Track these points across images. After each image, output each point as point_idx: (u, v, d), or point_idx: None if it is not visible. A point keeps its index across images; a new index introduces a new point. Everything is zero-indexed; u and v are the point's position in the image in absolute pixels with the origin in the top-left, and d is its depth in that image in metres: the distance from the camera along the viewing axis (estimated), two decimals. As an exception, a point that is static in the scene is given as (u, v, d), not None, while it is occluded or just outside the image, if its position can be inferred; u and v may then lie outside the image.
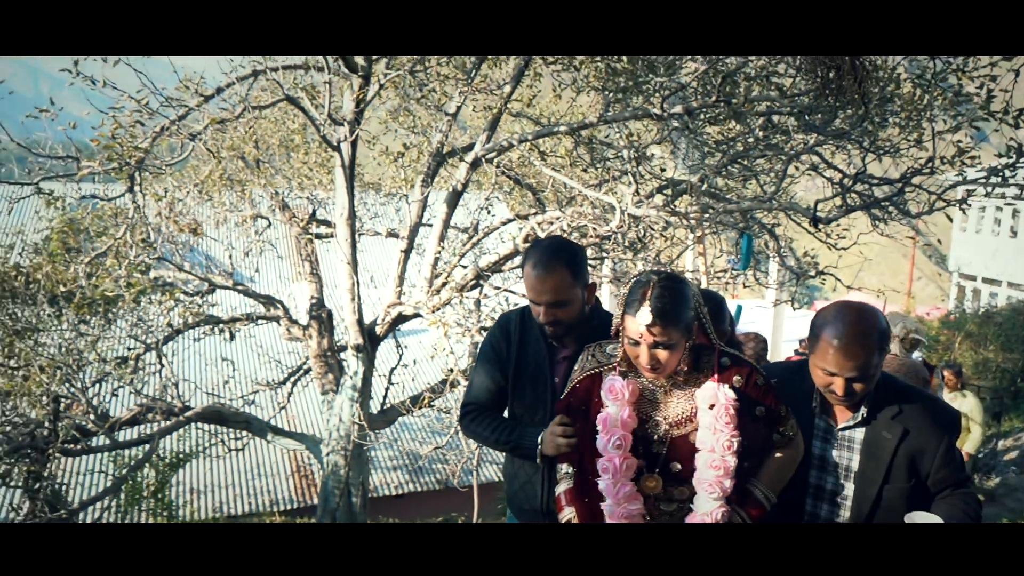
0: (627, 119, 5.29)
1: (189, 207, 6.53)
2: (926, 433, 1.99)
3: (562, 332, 2.23)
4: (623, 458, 1.86)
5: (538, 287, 2.16)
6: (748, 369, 1.93)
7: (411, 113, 6.81)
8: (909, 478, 2.00)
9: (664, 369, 1.85)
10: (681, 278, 1.88)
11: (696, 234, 6.02)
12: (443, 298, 5.95)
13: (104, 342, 6.23)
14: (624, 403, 1.88)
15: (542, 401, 2.28)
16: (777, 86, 5.31)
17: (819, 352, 1.96)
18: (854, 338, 1.90)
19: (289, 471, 9.86)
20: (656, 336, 1.77)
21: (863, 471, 2.01)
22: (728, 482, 1.83)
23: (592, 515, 1.98)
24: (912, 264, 20.72)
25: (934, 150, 4.87)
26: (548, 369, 2.29)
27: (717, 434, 1.82)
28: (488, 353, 2.37)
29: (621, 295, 1.87)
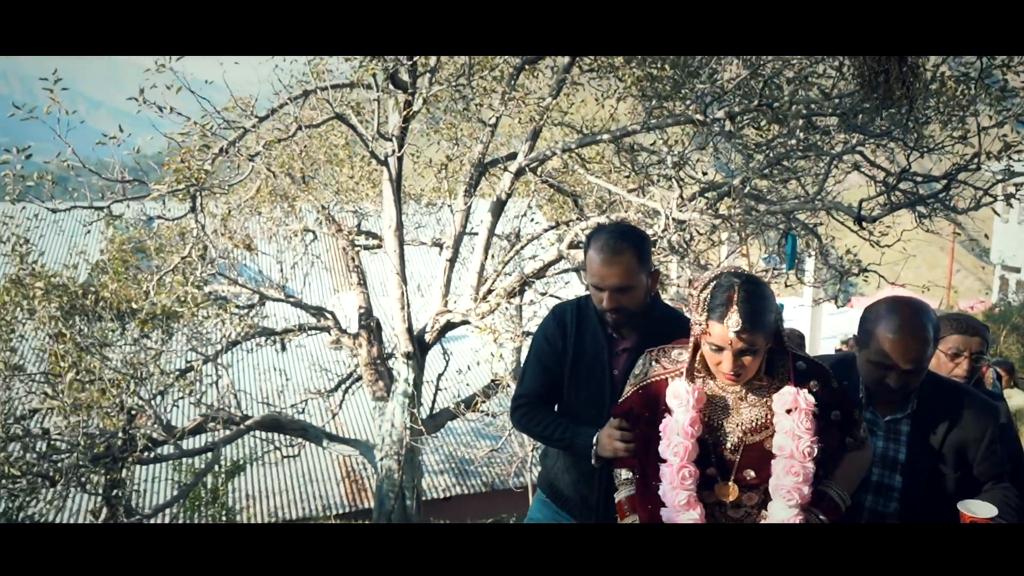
0: (670, 125, 5.39)
1: (242, 223, 6.76)
2: (970, 426, 2.00)
3: (624, 320, 2.16)
4: (682, 466, 1.82)
5: (604, 271, 2.09)
6: (824, 373, 1.91)
7: (453, 125, 6.97)
8: (956, 469, 2.01)
9: (746, 375, 1.81)
10: (761, 280, 1.83)
11: (740, 236, 6.09)
12: (491, 304, 6.10)
13: (165, 355, 6.48)
14: (689, 409, 1.82)
15: (600, 394, 2.22)
16: (819, 87, 5.38)
17: (874, 347, 1.96)
18: (911, 331, 1.91)
19: (340, 476, 10.11)
20: (744, 342, 1.73)
21: (911, 463, 2.02)
22: (807, 489, 1.79)
23: (656, 523, 1.93)
24: (952, 258, 20.45)
25: (980, 146, 4.91)
26: (608, 361, 2.22)
27: (797, 440, 1.78)
28: (542, 345, 2.29)
29: (698, 298, 1.80)
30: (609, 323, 2.17)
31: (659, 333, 2.15)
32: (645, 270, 2.15)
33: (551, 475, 2.39)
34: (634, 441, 1.99)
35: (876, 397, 2.06)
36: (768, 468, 1.83)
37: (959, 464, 2.00)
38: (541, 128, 6.12)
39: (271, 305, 7.55)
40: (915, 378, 1.96)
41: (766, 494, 1.86)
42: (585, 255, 2.18)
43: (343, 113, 5.72)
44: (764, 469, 1.84)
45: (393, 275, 6.49)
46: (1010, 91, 4.80)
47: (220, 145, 5.08)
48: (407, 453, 6.73)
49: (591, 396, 2.22)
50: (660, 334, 2.15)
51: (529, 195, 7.98)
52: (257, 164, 4.84)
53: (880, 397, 2.05)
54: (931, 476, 2.01)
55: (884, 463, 2.06)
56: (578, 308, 2.28)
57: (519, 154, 6.03)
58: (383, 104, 5.88)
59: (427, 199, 8.75)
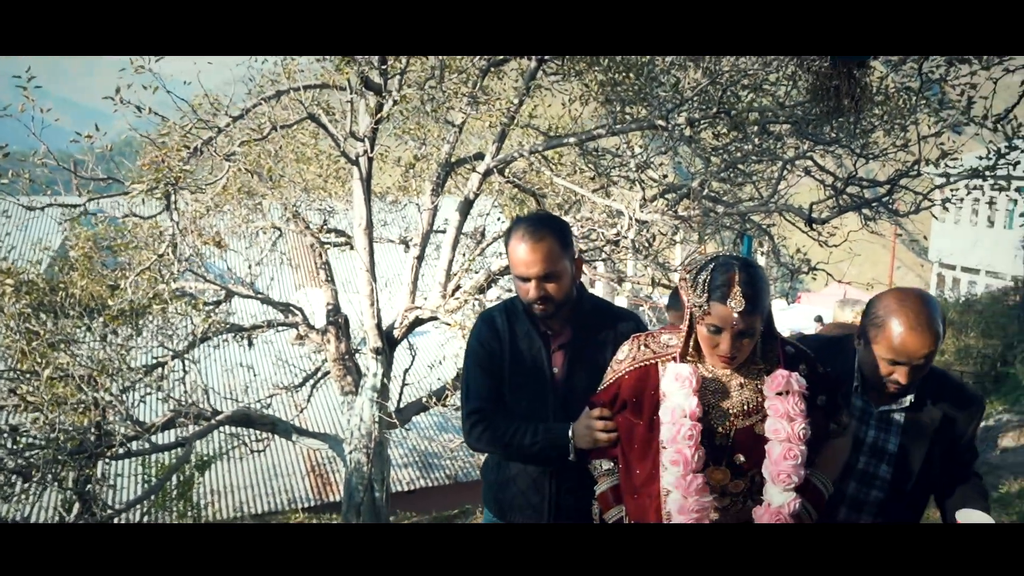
0: (633, 130, 5.63)
1: (211, 221, 6.80)
2: (962, 419, 2.01)
3: (552, 311, 2.12)
4: (694, 448, 1.78)
5: (527, 258, 2.05)
6: (810, 358, 1.91)
7: (421, 126, 7.12)
8: (944, 460, 2.02)
9: (740, 358, 1.78)
10: (757, 263, 1.82)
11: (699, 236, 6.37)
12: (459, 301, 6.28)
13: (134, 351, 6.51)
14: (691, 391, 1.80)
15: (542, 394, 2.17)
16: (773, 95, 5.69)
17: (884, 343, 1.90)
18: (926, 326, 1.86)
19: (305, 471, 10.18)
20: (745, 323, 1.71)
21: (902, 455, 2.01)
22: (802, 472, 1.78)
23: (642, 512, 1.90)
24: (893, 256, 21.30)
25: (920, 153, 5.28)
26: (546, 360, 2.17)
27: (792, 423, 1.77)
28: (480, 354, 2.21)
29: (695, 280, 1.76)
30: (538, 316, 2.14)
31: (592, 325, 2.17)
32: (568, 256, 2.11)
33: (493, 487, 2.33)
34: (615, 430, 1.97)
35: (873, 387, 2.03)
36: (757, 453, 1.82)
37: (945, 455, 2.02)
38: (508, 131, 6.30)
39: (239, 302, 7.60)
40: (924, 371, 1.93)
41: (752, 481, 1.85)
42: (507, 248, 2.14)
43: (315, 113, 5.84)
44: (753, 454, 1.83)
45: (363, 272, 6.62)
46: (947, 103, 5.17)
47: (195, 144, 5.17)
48: (376, 446, 6.87)
49: (533, 397, 2.17)
50: (593, 326, 2.17)
51: (494, 194, 8.19)
52: (234, 164, 4.92)
53: (881, 389, 2.00)
54: (921, 468, 2.01)
55: (872, 452, 2.05)
56: (507, 311, 2.24)
57: (487, 155, 6.21)
58: (354, 105, 6.01)
59: (392, 197, 8.87)
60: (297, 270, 13.70)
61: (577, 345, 2.17)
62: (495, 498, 2.32)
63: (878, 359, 1.93)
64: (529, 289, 2.09)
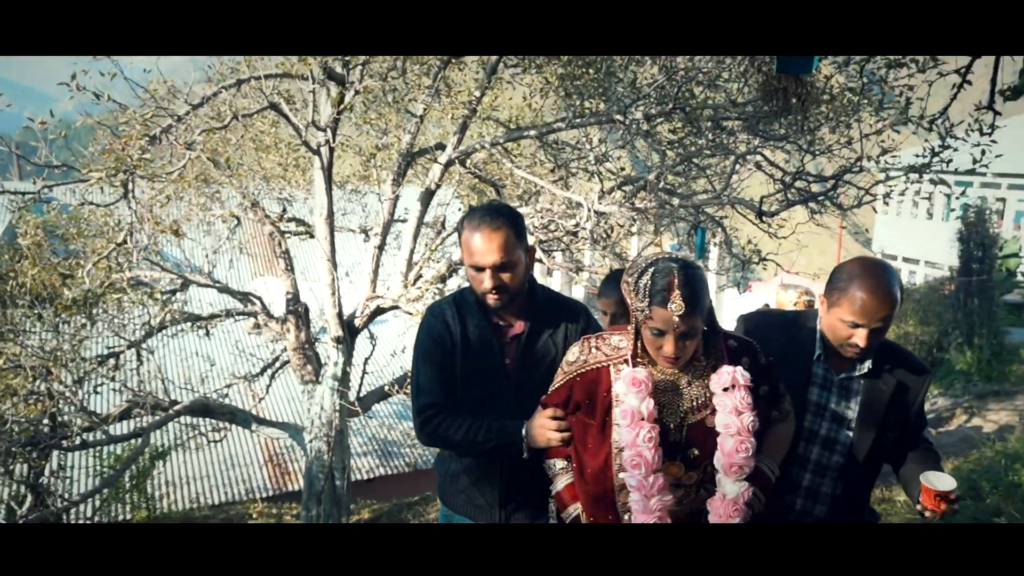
0: (592, 124, 5.77)
1: (168, 209, 6.74)
2: (914, 385, 2.15)
3: (507, 301, 2.11)
4: (653, 450, 1.81)
5: (483, 247, 2.04)
6: (753, 349, 1.97)
7: (383, 115, 7.15)
8: (898, 426, 2.15)
9: (685, 357, 1.83)
10: (696, 263, 1.85)
11: (656, 228, 6.56)
12: (421, 290, 6.36)
13: (88, 341, 6.43)
14: (647, 394, 1.83)
15: (495, 388, 2.16)
16: (726, 92, 5.89)
17: (846, 305, 2.01)
18: (886, 290, 1.98)
19: (263, 460, 10.14)
20: (687, 325, 1.75)
21: (862, 420, 2.13)
22: (753, 462, 1.84)
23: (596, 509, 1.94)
24: (840, 245, 22.00)
25: (862, 150, 5.55)
26: (498, 352, 2.17)
27: (740, 416, 1.82)
28: (430, 348, 2.17)
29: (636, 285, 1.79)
30: (492, 307, 2.12)
31: (545, 317, 2.18)
32: (522, 246, 2.11)
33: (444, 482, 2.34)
34: (568, 430, 1.99)
35: (834, 355, 2.14)
36: (709, 446, 1.87)
37: (899, 420, 2.14)
38: (469, 122, 6.38)
39: (196, 291, 7.55)
40: (881, 335, 2.05)
41: (705, 472, 1.90)
42: (460, 239, 2.14)
43: (276, 103, 5.84)
44: (706, 446, 1.88)
45: (323, 261, 6.64)
46: (887, 103, 5.44)
47: (154, 132, 5.13)
48: (336, 435, 6.92)
49: (486, 391, 2.16)
50: (546, 318, 2.18)
51: (454, 185, 8.26)
52: (195, 152, 4.91)
53: (840, 355, 2.12)
54: (877, 432, 2.13)
55: (834, 418, 2.15)
56: (456, 304, 2.21)
57: (448, 146, 6.29)
58: (316, 95, 6.03)
59: (352, 186, 8.87)
60: (254, 259, 13.57)
61: (530, 337, 2.16)
62: (446, 491, 2.32)
63: (839, 322, 2.04)
64: (484, 279, 2.07)
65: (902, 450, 2.19)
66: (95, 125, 5.26)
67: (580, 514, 1.99)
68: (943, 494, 1.92)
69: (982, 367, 9.89)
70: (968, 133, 4.93)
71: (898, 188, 5.81)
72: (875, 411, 2.12)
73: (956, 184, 12.59)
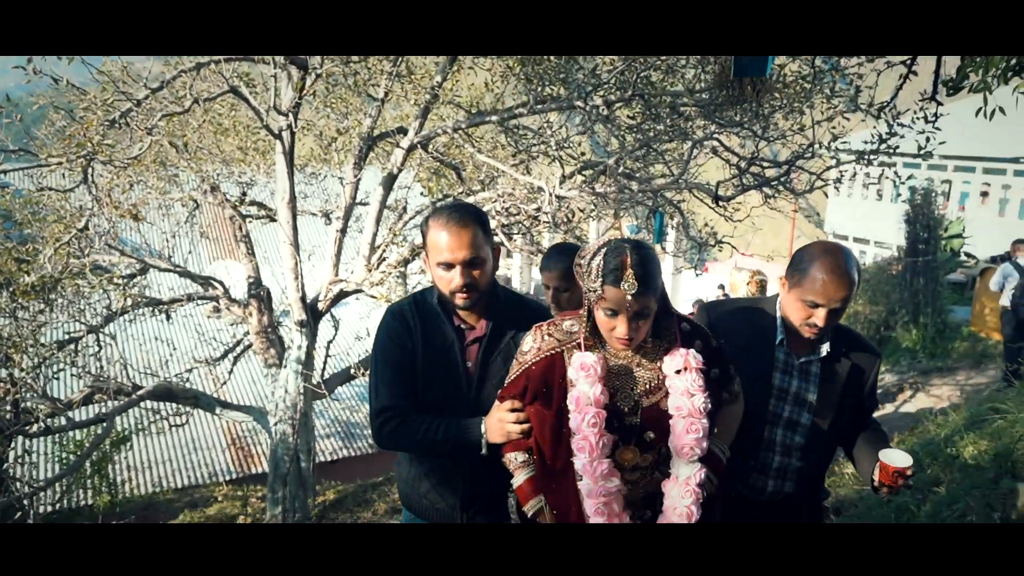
0: (553, 110, 5.86)
1: (127, 193, 6.66)
2: (867, 368, 2.24)
3: (475, 300, 2.08)
4: (599, 435, 1.80)
5: (453, 243, 2.01)
6: (704, 333, 1.98)
7: (344, 99, 7.14)
8: (853, 407, 2.23)
9: (638, 339, 1.82)
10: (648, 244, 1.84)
11: (616, 212, 6.69)
12: (384, 274, 6.41)
13: (46, 327, 6.36)
14: (596, 379, 1.82)
15: (455, 390, 2.13)
16: (683, 77, 6.03)
17: (806, 286, 2.08)
18: (844, 271, 2.05)
19: (226, 444, 10.13)
20: (640, 304, 1.74)
21: (821, 401, 2.21)
22: (705, 444, 1.84)
23: (563, 501, 1.90)
24: (792, 228, 22.51)
25: (814, 136, 5.75)
26: (460, 355, 2.13)
27: (692, 398, 1.82)
28: (390, 350, 2.13)
29: (589, 266, 1.78)
30: (460, 306, 2.09)
31: (507, 319, 2.15)
32: (489, 244, 2.10)
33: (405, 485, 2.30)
34: (527, 421, 1.96)
35: (794, 339, 2.21)
36: (664, 427, 1.86)
37: (854, 402, 2.23)
38: (432, 107, 6.42)
39: (155, 275, 7.48)
40: (839, 316, 2.12)
41: (660, 453, 1.89)
42: (426, 239, 2.09)
43: (236, 86, 5.81)
44: (660, 429, 1.87)
45: (285, 245, 6.65)
46: (837, 91, 5.63)
47: (113, 116, 5.08)
48: (301, 417, 6.97)
49: (447, 393, 2.13)
50: (508, 320, 2.14)
51: (415, 168, 8.28)
52: (156, 137, 4.88)
53: (799, 339, 2.19)
54: (835, 413, 2.21)
55: (796, 401, 2.21)
56: (416, 305, 2.17)
57: (410, 131, 6.32)
58: (277, 79, 6.00)
59: (311, 169, 8.84)
60: (214, 243, 13.42)
61: (492, 339, 2.14)
62: (408, 494, 2.29)
63: (800, 302, 2.11)
64: (454, 277, 2.04)
65: (855, 429, 2.26)
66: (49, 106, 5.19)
67: (543, 507, 1.94)
68: (900, 470, 1.98)
69: (927, 344, 10.30)
70: (914, 121, 5.15)
71: (848, 172, 6.03)
72: (833, 393, 2.20)
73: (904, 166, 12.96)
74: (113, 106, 4.97)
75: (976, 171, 17.58)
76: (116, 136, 5.52)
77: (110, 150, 5.11)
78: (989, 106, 3.03)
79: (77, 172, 5.00)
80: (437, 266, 2.05)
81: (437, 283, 2.10)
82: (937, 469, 5.09)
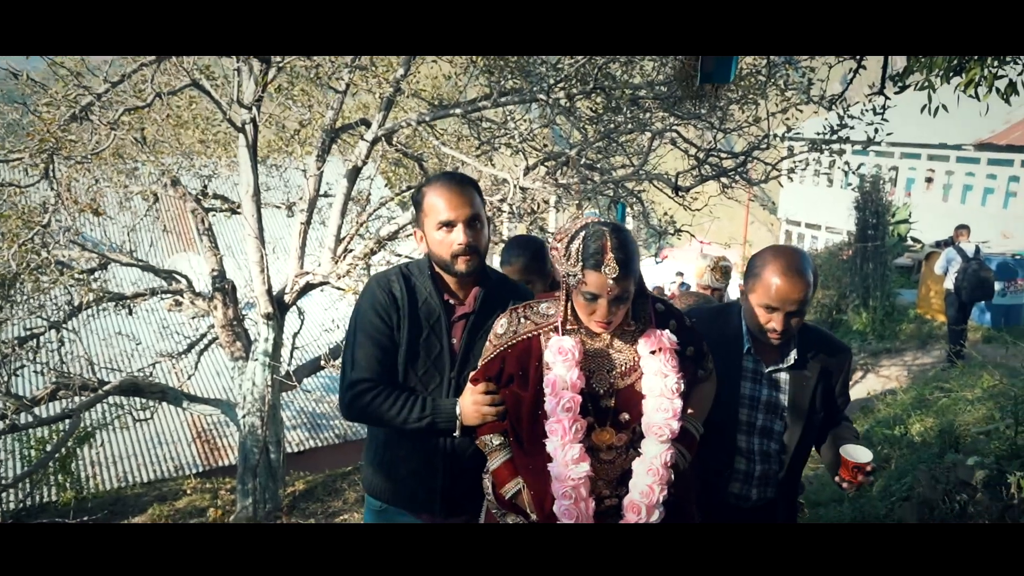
0: (517, 103, 5.96)
1: (90, 189, 6.59)
2: (835, 370, 2.22)
3: (477, 264, 2.04)
4: (572, 420, 1.80)
5: (456, 201, 1.99)
6: (679, 313, 1.99)
7: (306, 92, 7.13)
8: (824, 410, 2.22)
9: (617, 321, 1.82)
10: (625, 227, 1.83)
11: (578, 203, 6.83)
12: (349, 266, 6.46)
13: (7, 323, 6.28)
14: (573, 363, 1.81)
15: (439, 367, 2.07)
16: (642, 73, 6.18)
17: (761, 290, 2.08)
18: (798, 273, 2.04)
19: (191, 437, 10.07)
20: (620, 288, 1.74)
21: (792, 408, 2.19)
22: (676, 424, 1.83)
23: (540, 484, 1.88)
24: (747, 215, 23.00)
25: (768, 128, 5.96)
26: (445, 331, 2.08)
27: (664, 378, 1.83)
28: (373, 321, 2.05)
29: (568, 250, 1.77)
30: (461, 271, 2.04)
31: (495, 298, 2.11)
32: (484, 212, 2.09)
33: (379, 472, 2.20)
34: (502, 403, 1.95)
35: (761, 347, 2.20)
36: (639, 408, 1.87)
37: (825, 404, 2.22)
38: (393, 101, 6.46)
39: (116, 269, 7.41)
40: (797, 320, 2.10)
41: (635, 433, 1.89)
42: (422, 205, 2.06)
43: (198, 79, 5.79)
44: (636, 409, 1.87)
45: (250, 238, 6.64)
46: (790, 84, 5.84)
47: (74, 111, 5.04)
48: (270, 409, 7.00)
49: (430, 369, 2.07)
50: (496, 299, 2.11)
51: (377, 159, 8.31)
52: (121, 132, 4.86)
53: (767, 347, 2.19)
54: (807, 417, 2.19)
55: (768, 409, 2.21)
56: (404, 276, 2.11)
57: (374, 124, 6.36)
58: (240, 73, 5.99)
59: (272, 161, 8.79)
60: (175, 236, 13.23)
61: (479, 317, 2.09)
62: (378, 482, 2.20)
63: (757, 307, 2.11)
64: (456, 236, 2.00)
65: (826, 428, 2.27)
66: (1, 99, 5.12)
67: (521, 490, 1.92)
68: (860, 466, 1.99)
69: (876, 327, 10.69)
70: (863, 113, 5.38)
71: (802, 163, 6.26)
72: (804, 398, 2.18)
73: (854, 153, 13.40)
74: (75, 100, 4.93)
75: (921, 158, 18.16)
76: (76, 131, 5.47)
77: (73, 145, 5.07)
78: (933, 103, 3.22)
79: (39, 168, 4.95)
80: (438, 229, 2.02)
81: (436, 249, 2.04)
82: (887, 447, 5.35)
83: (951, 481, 4.03)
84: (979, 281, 8.36)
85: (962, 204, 17.31)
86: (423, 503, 2.14)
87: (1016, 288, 9.84)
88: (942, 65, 2.82)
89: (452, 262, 2.03)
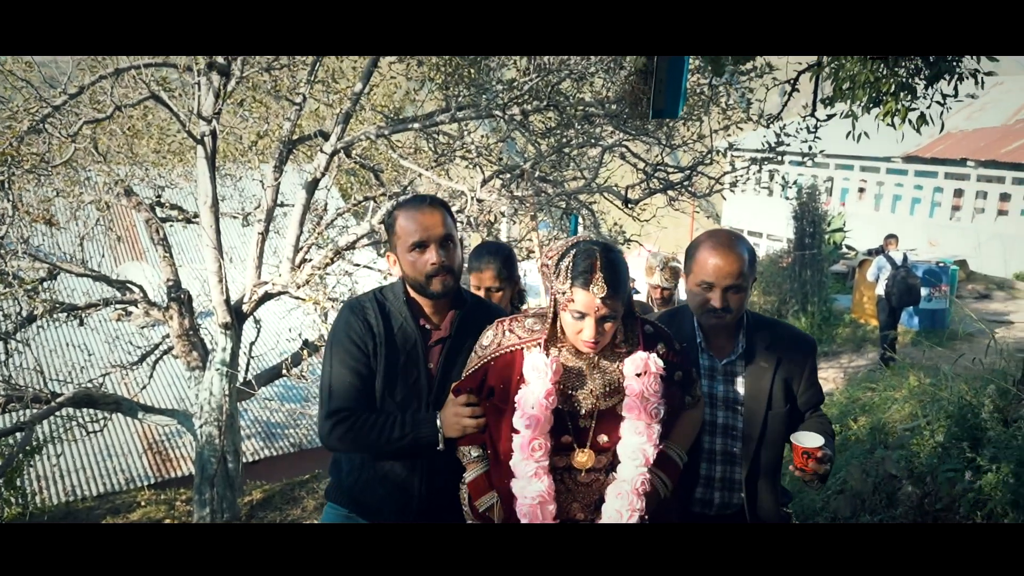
0: (473, 118, 6.17)
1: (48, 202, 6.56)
2: (795, 360, 2.14)
3: (451, 285, 2.04)
4: (533, 437, 1.80)
5: (427, 222, 1.99)
6: (668, 336, 1.96)
7: (263, 103, 7.21)
8: (786, 402, 2.14)
9: (603, 342, 1.80)
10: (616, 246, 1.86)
11: (533, 215, 7.07)
12: (307, 276, 6.56)
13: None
14: (547, 381, 1.79)
15: (416, 392, 2.05)
16: (591, 88, 6.47)
17: (697, 269, 2.06)
18: (729, 247, 2.04)
19: (142, 448, 9.95)
20: (608, 308, 1.73)
21: (748, 401, 2.12)
22: (651, 449, 1.81)
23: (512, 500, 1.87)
24: (692, 223, 23.68)
25: (712, 144, 6.31)
26: (422, 355, 2.06)
27: (645, 403, 1.81)
28: (349, 348, 2.03)
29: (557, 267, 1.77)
30: (436, 293, 2.03)
31: (471, 321, 2.09)
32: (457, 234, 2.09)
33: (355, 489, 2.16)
34: (483, 415, 1.95)
35: (713, 340, 2.17)
36: (619, 431, 1.85)
37: (787, 397, 2.14)
38: (351, 114, 6.60)
39: (68, 280, 7.35)
40: (735, 297, 2.05)
41: (615, 455, 1.87)
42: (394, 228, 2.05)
43: (156, 92, 5.84)
44: (615, 432, 1.86)
45: (209, 249, 6.68)
46: (731, 104, 6.20)
47: (32, 123, 5.05)
48: (227, 419, 7.02)
49: (408, 395, 2.06)
50: (472, 323, 2.08)
51: (333, 170, 8.41)
52: (82, 144, 4.91)
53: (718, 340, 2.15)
54: (766, 413, 2.11)
55: (726, 405, 2.14)
56: (378, 304, 2.08)
57: (332, 136, 6.48)
58: (200, 86, 6.05)
59: (226, 170, 8.81)
60: (128, 246, 13.02)
61: (455, 340, 2.08)
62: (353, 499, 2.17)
63: (696, 288, 2.08)
64: (429, 256, 1.99)
65: (793, 424, 2.18)
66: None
67: (495, 504, 1.91)
68: (809, 451, 1.96)
69: (814, 331, 11.20)
70: (798, 131, 5.75)
71: (743, 177, 6.62)
72: (760, 390, 2.12)
73: (791, 164, 13.78)
74: (36, 113, 4.95)
75: (854, 169, 18.97)
76: (35, 142, 5.47)
77: (34, 157, 5.09)
78: (856, 130, 3.55)
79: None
80: (410, 251, 2.01)
81: (410, 271, 2.03)
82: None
83: (880, 474, 4.37)
84: (907, 287, 8.86)
85: (892, 213, 18.13)
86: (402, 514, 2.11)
87: (941, 293, 10.45)
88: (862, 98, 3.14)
89: (427, 283, 2.01)
